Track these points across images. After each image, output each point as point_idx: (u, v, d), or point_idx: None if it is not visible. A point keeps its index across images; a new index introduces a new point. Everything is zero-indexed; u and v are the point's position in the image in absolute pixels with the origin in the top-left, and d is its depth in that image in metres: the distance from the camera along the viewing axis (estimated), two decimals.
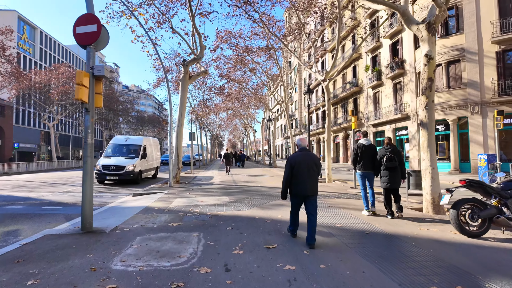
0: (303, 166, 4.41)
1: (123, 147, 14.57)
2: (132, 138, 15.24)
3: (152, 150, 16.14)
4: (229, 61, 25.97)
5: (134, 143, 14.84)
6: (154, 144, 16.87)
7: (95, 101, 5.49)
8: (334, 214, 6.51)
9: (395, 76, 23.28)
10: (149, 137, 16.84)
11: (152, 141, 16.79)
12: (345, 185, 12.86)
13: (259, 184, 12.82)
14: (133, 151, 14.40)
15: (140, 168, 13.89)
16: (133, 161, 13.64)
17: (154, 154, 16.69)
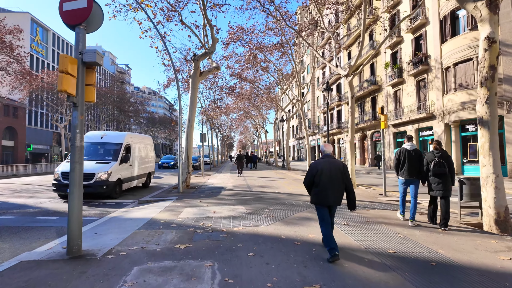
0: (325, 174, 4.09)
1: (97, 146, 10.91)
2: (110, 135, 11.57)
3: (140, 150, 12.65)
4: (240, 60, 24.98)
5: (112, 140, 11.14)
6: (144, 143, 13.48)
7: (85, 94, 4.47)
8: (377, 232, 5.31)
9: (419, 72, 21.77)
10: (137, 134, 13.79)
11: (140, 138, 13.38)
12: (372, 191, 11.59)
13: (276, 190, 11.68)
14: (111, 152, 10.74)
15: (118, 175, 10.20)
16: (107, 166, 9.91)
17: (145, 156, 13.37)
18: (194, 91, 12.11)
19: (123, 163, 10.69)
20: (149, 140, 14.59)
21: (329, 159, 4.25)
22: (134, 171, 11.88)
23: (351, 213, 6.95)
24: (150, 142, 14.52)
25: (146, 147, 13.76)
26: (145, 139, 14.03)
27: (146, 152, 13.66)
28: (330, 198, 4.08)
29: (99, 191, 9.55)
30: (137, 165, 12.16)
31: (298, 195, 9.90)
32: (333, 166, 4.15)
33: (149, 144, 14.40)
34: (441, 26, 19.60)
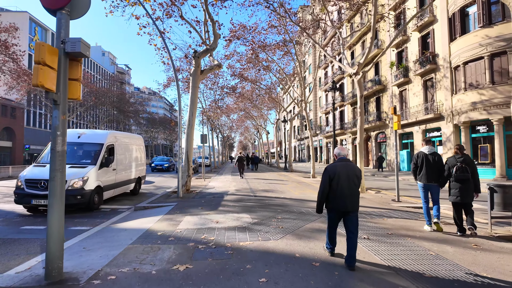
0: (343, 178, 3.96)
1: (73, 147, 9.10)
2: (89, 134, 9.70)
3: (127, 152, 10.99)
4: (242, 60, 24.39)
5: (91, 140, 9.35)
6: (132, 144, 11.72)
7: (69, 91, 3.83)
8: (404, 249, 4.66)
9: (426, 72, 21.14)
10: (124, 133, 12.19)
11: (128, 138, 11.59)
12: (384, 196, 10.93)
13: (281, 194, 11.03)
14: (89, 154, 8.98)
15: (98, 182, 8.50)
16: (83, 171, 8.18)
17: (134, 159, 11.68)
18: (195, 90, 11.48)
19: (104, 167, 9.00)
20: (139, 140, 12.95)
21: (346, 162, 4.11)
22: (120, 176, 10.18)
23: (369, 223, 6.32)
24: (140, 142, 12.96)
25: (134, 148, 12.07)
26: (134, 139, 12.33)
27: (134, 153, 11.95)
28: (348, 203, 3.93)
29: (71, 202, 7.68)
30: (123, 169, 10.50)
31: (306, 201, 9.26)
32: (350, 170, 4.02)
33: (139, 144, 12.75)
34: (450, 24, 18.97)
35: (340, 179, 3.93)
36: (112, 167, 9.54)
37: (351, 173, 4.00)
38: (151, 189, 14.28)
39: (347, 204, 3.91)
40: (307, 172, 25.93)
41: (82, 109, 38.55)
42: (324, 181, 4.03)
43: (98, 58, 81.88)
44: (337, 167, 4.02)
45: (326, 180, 4.01)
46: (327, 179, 4.01)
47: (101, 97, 39.77)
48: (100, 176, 8.78)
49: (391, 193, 12.14)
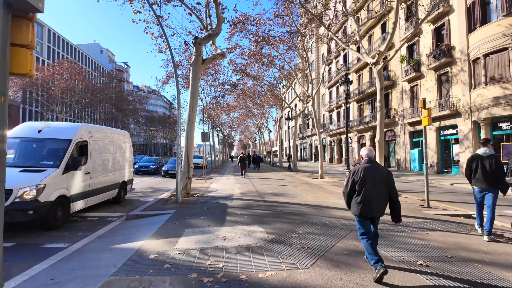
0: (368, 182, 3.71)
1: (31, 145, 7.21)
2: (54, 127, 7.66)
3: (106, 151, 8.98)
4: (245, 53, 23.15)
5: (55, 135, 7.31)
6: (114, 140, 9.62)
7: (11, 62, 2.58)
8: None
9: (440, 66, 19.89)
10: (104, 127, 9.76)
11: (108, 133, 9.41)
12: (409, 200, 9.71)
13: (293, 199, 9.80)
14: (52, 153, 7.02)
15: (62, 191, 6.50)
16: (38, 176, 6.12)
17: (117, 159, 9.55)
18: (195, 81, 10.22)
19: (73, 171, 6.89)
20: (124, 135, 10.64)
21: (373, 164, 3.85)
22: (96, 181, 8.07)
23: (413, 239, 5.10)
24: (125, 139, 10.66)
25: (118, 146, 9.85)
26: (117, 134, 10.04)
27: (118, 152, 9.74)
28: (374, 209, 3.71)
29: (19, 220, 5.72)
30: (101, 172, 8.45)
31: (325, 208, 8.02)
32: (377, 172, 3.77)
33: (124, 141, 10.47)
34: (468, 13, 17.70)
35: (365, 182, 3.71)
36: (85, 170, 7.54)
37: (378, 176, 3.73)
38: (148, 191, 13.04)
39: (373, 209, 3.69)
40: (313, 172, 24.71)
41: (78, 107, 37.23)
42: (348, 185, 3.86)
43: (96, 56, 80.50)
44: (363, 169, 3.78)
45: (350, 183, 3.83)
46: (351, 182, 3.82)
47: (98, 94, 38.40)
48: (65, 183, 6.69)
49: (413, 196, 10.94)
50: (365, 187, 3.71)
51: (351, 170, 3.93)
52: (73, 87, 29.44)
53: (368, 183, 3.70)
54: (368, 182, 3.70)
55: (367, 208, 3.70)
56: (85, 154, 7.74)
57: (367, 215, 3.72)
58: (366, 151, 4.02)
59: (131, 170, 11.03)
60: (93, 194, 8.03)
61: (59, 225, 6.52)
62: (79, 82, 30.07)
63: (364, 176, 3.73)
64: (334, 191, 11.74)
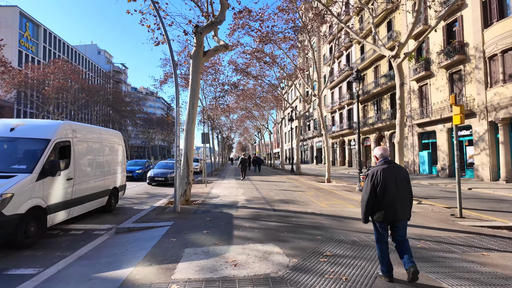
0: (390, 183, 3.43)
1: (1, 146, 6.04)
2: (29, 126, 6.46)
3: (93, 153, 7.85)
4: (246, 52, 22.21)
5: (30, 135, 6.17)
6: (104, 141, 8.53)
7: None
8: None
9: (453, 64, 18.94)
10: (92, 126, 8.46)
11: (96, 133, 8.26)
12: (436, 209, 8.66)
13: (306, 207, 8.73)
14: (25, 156, 5.98)
15: (36, 201, 5.41)
16: (5, 183, 5.06)
17: (106, 162, 8.44)
18: (196, 76, 9.18)
19: (50, 176, 5.76)
20: (115, 136, 9.53)
21: (391, 164, 3.58)
22: (81, 188, 6.95)
23: (473, 266, 4.07)
24: (117, 140, 9.55)
25: (108, 147, 8.72)
26: (107, 135, 8.87)
27: (108, 155, 8.62)
28: (400, 212, 3.44)
29: None
30: (87, 177, 7.32)
31: (346, 220, 6.96)
32: (397, 172, 3.53)
33: (116, 142, 9.35)
34: (483, 8, 16.77)
35: (387, 185, 3.45)
36: (66, 175, 6.37)
37: (399, 176, 3.52)
38: (143, 198, 11.95)
39: (397, 213, 3.45)
40: (317, 175, 23.66)
41: (73, 108, 36.04)
42: (369, 190, 3.50)
43: (94, 57, 79.42)
44: (382, 171, 3.51)
45: (371, 188, 3.49)
46: (371, 187, 3.49)
47: (94, 95, 37.21)
48: (41, 191, 5.56)
49: (434, 202, 9.90)
50: (387, 189, 3.42)
51: (369, 174, 3.58)
52: (67, 87, 28.27)
53: (390, 185, 3.43)
54: (390, 184, 3.43)
55: (392, 212, 3.42)
56: (67, 157, 6.60)
57: (393, 219, 3.45)
58: (380, 150, 3.71)
59: (124, 175, 9.94)
60: (78, 203, 6.90)
61: (33, 243, 5.42)
62: (74, 82, 28.92)
63: (385, 178, 3.44)
64: (348, 197, 10.69)
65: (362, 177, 11.13)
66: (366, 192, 3.52)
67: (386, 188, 3.43)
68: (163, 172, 16.36)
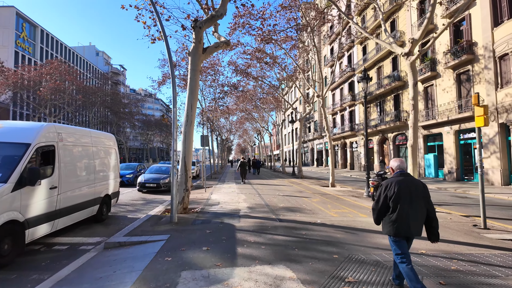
0: (404, 197, 3.29)
1: None
2: (7, 128, 5.82)
3: (82, 158, 7.10)
4: (246, 52, 21.63)
5: (7, 139, 5.51)
6: (95, 144, 7.77)
7: None
8: None
9: (460, 64, 18.33)
10: (78, 128, 7.48)
11: (86, 136, 7.49)
12: (455, 218, 8.00)
13: (314, 216, 8.05)
14: (1, 162, 5.22)
15: (11, 215, 4.73)
16: None
17: (98, 168, 7.74)
18: (195, 74, 8.52)
19: (29, 186, 5.08)
20: (108, 139, 8.76)
21: (407, 177, 3.42)
22: (67, 197, 6.23)
23: None
24: (110, 143, 8.78)
25: (100, 152, 7.97)
26: (98, 138, 8.08)
27: (99, 160, 7.85)
28: (412, 228, 3.29)
29: None
30: (74, 185, 6.52)
31: (362, 232, 6.28)
32: (413, 186, 3.35)
33: (108, 146, 8.57)
34: (493, 6, 16.19)
35: (400, 198, 3.29)
36: (48, 183, 5.64)
37: (415, 191, 3.32)
38: (139, 204, 11.24)
39: (411, 228, 3.28)
40: (319, 178, 22.99)
41: (70, 109, 35.27)
42: (381, 201, 3.40)
43: (92, 58, 78.79)
44: (396, 183, 3.35)
45: (383, 200, 3.38)
46: (384, 198, 3.38)
47: (91, 96, 36.45)
48: (18, 202, 4.87)
49: (451, 210, 9.24)
50: (401, 203, 3.30)
51: (382, 184, 3.49)
52: (63, 88, 27.52)
53: (404, 199, 3.30)
54: (404, 198, 3.31)
55: (404, 227, 3.29)
56: (51, 163, 5.90)
57: (404, 235, 3.32)
58: (397, 162, 3.59)
59: (117, 181, 9.24)
60: (63, 214, 6.19)
61: (7, 262, 4.72)
62: (70, 82, 28.19)
63: (399, 191, 3.32)
64: (357, 204, 10.01)
65: (372, 182, 10.45)
66: (378, 203, 3.44)
67: (400, 201, 3.29)
68: (156, 178, 14.72)
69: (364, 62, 30.85)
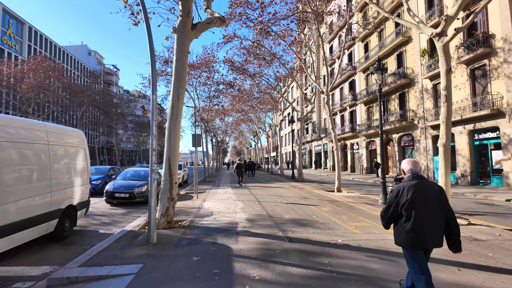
0: (419, 203, 2.85)
1: None
2: None
3: (30, 160, 5.42)
4: (243, 49, 20.15)
5: None
6: (54, 143, 6.14)
7: None
8: None
9: (475, 58, 16.93)
10: (23, 120, 5.61)
11: (37, 131, 5.71)
12: (501, 233, 6.42)
13: (332, 232, 6.44)
14: None
15: None
16: None
17: (56, 173, 6.09)
18: (182, 56, 6.90)
19: None
20: (73, 136, 7.05)
21: (421, 180, 2.96)
22: (5, 210, 4.65)
23: None
24: (75, 141, 7.05)
25: (59, 152, 6.27)
26: (57, 134, 6.36)
27: (58, 162, 6.19)
28: (428, 238, 2.83)
29: None
30: (12, 195, 4.83)
31: (401, 258, 4.68)
32: (428, 191, 2.90)
33: (72, 145, 6.87)
34: None
35: (414, 205, 2.84)
36: None
37: (430, 195, 2.87)
38: (117, 214, 9.51)
39: (427, 238, 2.82)
40: (321, 182, 21.44)
41: (55, 108, 33.26)
42: (391, 208, 2.94)
43: (84, 58, 76.69)
44: (410, 188, 2.89)
45: (394, 207, 2.93)
46: (395, 205, 2.93)
47: (79, 95, 34.38)
48: None
49: (485, 221, 7.65)
50: (415, 211, 2.84)
51: (394, 190, 3.00)
52: (46, 85, 25.60)
53: (419, 206, 2.84)
54: (419, 205, 2.84)
55: (420, 238, 2.82)
56: None
57: (421, 246, 2.84)
58: (409, 164, 3.08)
59: (87, 187, 7.54)
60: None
61: None
62: (54, 79, 26.29)
63: (413, 197, 2.84)
64: (376, 215, 8.41)
65: (391, 188, 8.90)
66: (388, 210, 2.99)
67: (414, 209, 2.85)
68: (129, 185, 11.28)
69: (366, 60, 29.48)
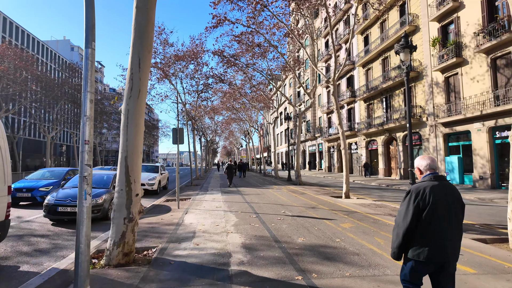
0: (441, 208, 2.26)
1: None
2: None
3: None
4: (236, 37, 17.88)
5: None
6: None
7: None
8: None
9: (497, 46, 15.01)
10: None
11: None
12: None
13: (375, 269, 4.14)
14: None
15: None
16: None
17: None
18: (146, 3, 4.50)
19: None
20: None
21: (442, 181, 2.35)
22: None
23: None
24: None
25: None
26: None
27: None
28: (448, 250, 2.23)
29: None
30: None
31: None
32: (449, 193, 2.32)
33: None
34: None
35: (436, 209, 2.24)
36: None
37: (451, 199, 2.30)
38: (62, 234, 6.96)
39: (447, 251, 2.22)
40: (322, 185, 19.21)
41: (27, 103, 29.98)
42: (410, 213, 2.26)
43: (66, 53, 72.97)
44: (431, 189, 2.28)
45: (413, 211, 2.25)
46: (414, 209, 2.26)
47: (54, 89, 31.09)
48: None
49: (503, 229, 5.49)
50: (435, 217, 2.23)
51: (411, 191, 2.33)
52: (12, 76, 22.53)
53: (440, 211, 2.24)
54: (440, 210, 2.24)
55: (438, 250, 2.21)
56: None
57: (440, 260, 2.21)
58: (426, 160, 2.46)
59: (7, 199, 5.03)
60: None
61: None
62: (21, 69, 23.26)
63: (435, 200, 2.24)
64: None
65: None
66: (406, 216, 2.27)
67: (435, 214, 2.24)
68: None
69: (366, 53, 27.52)
